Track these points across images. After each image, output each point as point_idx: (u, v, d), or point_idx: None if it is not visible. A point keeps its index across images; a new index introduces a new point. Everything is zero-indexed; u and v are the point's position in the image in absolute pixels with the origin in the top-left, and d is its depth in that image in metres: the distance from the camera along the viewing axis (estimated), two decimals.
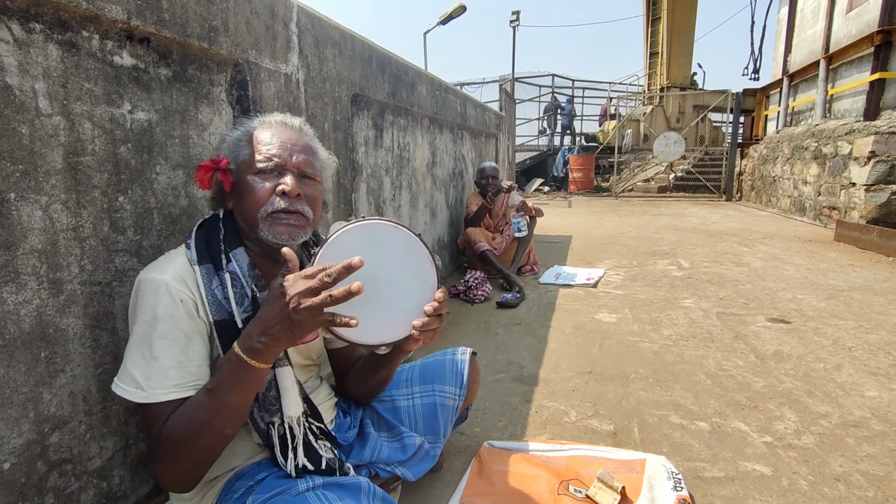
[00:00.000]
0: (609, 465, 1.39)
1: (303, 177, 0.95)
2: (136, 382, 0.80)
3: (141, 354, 0.82)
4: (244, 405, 0.82)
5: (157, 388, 0.80)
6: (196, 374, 0.84)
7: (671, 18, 13.07)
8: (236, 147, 0.96)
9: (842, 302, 2.97)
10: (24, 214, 0.86)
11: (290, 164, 0.93)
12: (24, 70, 0.84)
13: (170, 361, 0.82)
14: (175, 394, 0.81)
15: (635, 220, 6.97)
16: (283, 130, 0.97)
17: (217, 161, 0.94)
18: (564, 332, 2.56)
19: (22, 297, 0.86)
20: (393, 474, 1.17)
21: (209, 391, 0.80)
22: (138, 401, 0.80)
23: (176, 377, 0.82)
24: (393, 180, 2.62)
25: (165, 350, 0.82)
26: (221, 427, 0.80)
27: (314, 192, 0.97)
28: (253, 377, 0.79)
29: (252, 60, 1.37)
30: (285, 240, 0.92)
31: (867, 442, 1.54)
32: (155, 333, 0.82)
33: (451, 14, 11.11)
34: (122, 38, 1.02)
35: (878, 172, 5.11)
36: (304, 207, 0.93)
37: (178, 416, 0.80)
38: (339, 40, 1.87)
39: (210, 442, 0.80)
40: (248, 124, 0.99)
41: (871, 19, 5.87)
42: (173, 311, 0.83)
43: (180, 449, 0.79)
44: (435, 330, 0.86)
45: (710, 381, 1.97)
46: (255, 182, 0.92)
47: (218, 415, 0.79)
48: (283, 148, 0.94)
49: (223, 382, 0.79)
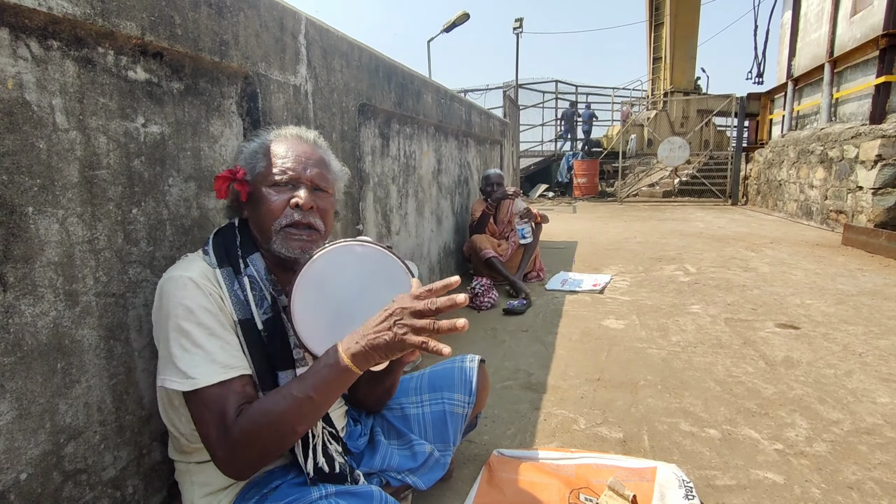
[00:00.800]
0: (619, 473, 1.38)
1: (316, 189, 0.98)
2: (182, 374, 0.81)
3: (181, 346, 0.82)
4: (326, 405, 0.83)
5: (207, 372, 0.81)
6: (238, 356, 0.86)
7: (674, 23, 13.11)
8: (253, 159, 0.98)
9: (851, 307, 2.95)
10: (42, 228, 0.87)
11: (304, 178, 0.96)
12: (42, 86, 0.86)
13: (213, 346, 0.83)
14: (225, 374, 0.82)
15: (641, 225, 6.95)
16: (298, 144, 1.00)
17: (234, 171, 0.97)
18: (572, 338, 2.55)
19: (39, 309, 0.88)
20: (404, 483, 1.17)
21: (300, 380, 0.81)
22: (188, 389, 0.81)
23: (223, 360, 0.83)
24: (399, 188, 2.63)
25: (206, 337, 0.83)
26: (298, 422, 0.81)
27: (326, 205, 0.99)
28: (343, 378, 0.80)
29: (262, 73, 1.38)
30: (298, 254, 0.94)
31: (880, 449, 1.53)
32: (191, 324, 0.83)
33: (454, 21, 11.17)
34: (137, 53, 1.03)
35: (886, 176, 5.08)
36: (316, 220, 0.96)
37: (263, 400, 0.81)
38: (347, 51, 1.89)
39: (284, 432, 0.80)
40: (265, 136, 1.01)
41: (875, 23, 5.86)
42: (205, 302, 0.85)
43: (256, 438, 0.79)
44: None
45: (720, 388, 1.96)
46: (269, 194, 0.94)
47: (300, 408, 0.79)
48: (297, 161, 0.96)
49: (314, 377, 0.80)
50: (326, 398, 0.82)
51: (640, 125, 13.52)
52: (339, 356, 0.79)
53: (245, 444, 0.79)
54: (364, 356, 0.79)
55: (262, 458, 0.82)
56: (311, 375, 0.81)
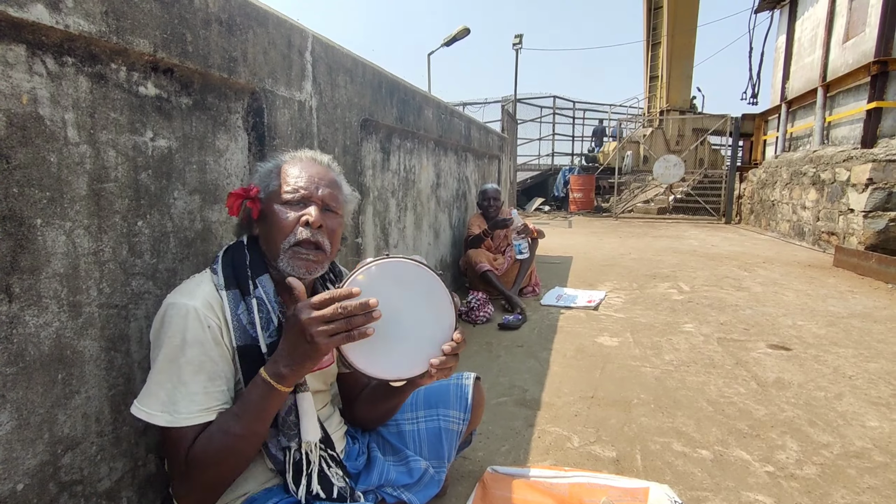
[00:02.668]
0: (612, 493, 1.39)
1: (326, 209, 0.99)
2: (162, 406, 0.83)
3: (168, 378, 0.84)
4: (266, 429, 0.86)
5: (185, 412, 0.83)
6: (221, 398, 0.87)
7: (671, 43, 13.31)
8: (267, 178, 1.01)
9: (842, 329, 2.99)
10: (49, 239, 0.88)
11: (315, 197, 0.98)
12: (55, 101, 0.88)
13: (197, 386, 0.84)
14: (201, 417, 0.83)
15: (635, 241, 7.01)
16: (312, 166, 1.02)
17: (248, 189, 0.99)
18: (566, 355, 2.56)
19: (43, 319, 0.88)
20: (399, 499, 1.17)
21: (236, 416, 0.83)
22: (164, 425, 0.82)
23: (203, 401, 0.84)
24: (398, 202, 2.65)
25: (193, 375, 0.84)
26: (245, 450, 0.83)
27: (335, 225, 1.01)
28: (276, 401, 0.83)
29: (268, 88, 1.41)
30: (303, 274, 0.96)
31: (869, 473, 1.54)
32: (183, 359, 0.84)
33: (455, 36, 11.31)
34: (148, 69, 1.05)
35: (876, 199, 5.16)
36: (324, 240, 0.97)
37: (204, 439, 0.82)
38: (351, 67, 1.92)
39: (232, 464, 0.83)
40: (280, 158, 1.04)
41: (867, 49, 5.99)
42: (201, 336, 0.86)
43: (205, 471, 0.81)
44: (451, 368, 0.90)
45: (712, 408, 1.98)
46: (280, 211, 0.96)
47: (243, 439, 0.82)
48: (310, 181, 0.98)
49: (249, 407, 0.82)
50: (266, 424, 0.85)
51: (636, 142, 13.67)
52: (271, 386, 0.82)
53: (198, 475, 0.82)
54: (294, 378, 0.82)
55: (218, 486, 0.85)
56: (249, 410, 0.83)
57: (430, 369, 0.89)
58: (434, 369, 0.88)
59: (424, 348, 0.90)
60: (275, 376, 0.81)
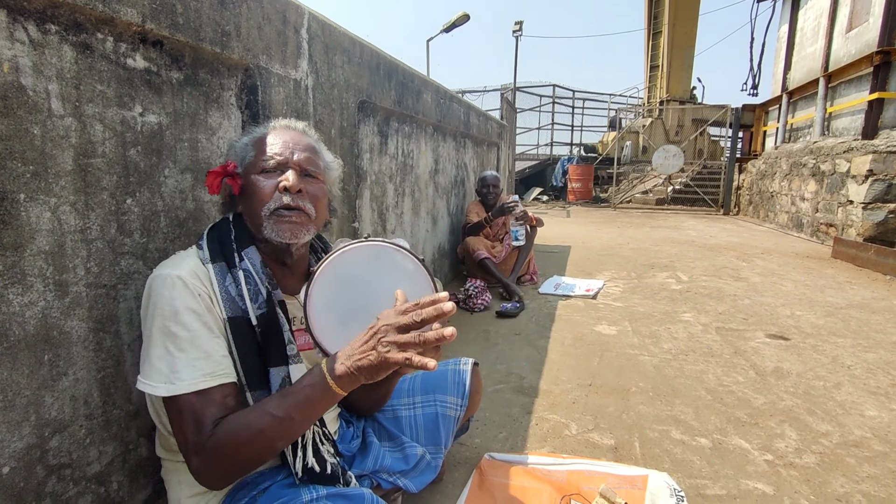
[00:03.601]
0: (611, 480, 1.38)
1: (305, 174, 0.97)
2: (163, 376, 0.80)
3: (164, 349, 0.81)
4: (306, 424, 0.83)
5: (187, 378, 0.80)
6: (223, 363, 0.84)
7: (672, 33, 13.19)
8: (243, 151, 0.98)
9: (840, 319, 2.98)
10: (33, 216, 0.85)
11: (291, 162, 0.95)
12: (38, 71, 0.84)
13: (196, 352, 0.81)
14: (206, 382, 0.81)
15: (634, 231, 6.99)
16: (286, 132, 1.00)
17: (225, 166, 0.96)
18: (564, 343, 2.55)
19: (27, 298, 0.85)
20: (395, 485, 1.16)
21: (280, 397, 0.80)
22: (166, 394, 0.79)
23: (204, 367, 0.81)
24: (396, 187, 2.62)
25: (190, 342, 0.82)
26: (276, 440, 0.80)
27: (316, 190, 0.98)
28: (326, 399, 0.80)
29: (262, 65, 1.37)
30: (289, 238, 0.93)
31: (868, 462, 1.54)
32: (177, 326, 0.81)
33: (454, 22, 11.18)
34: (136, 40, 1.01)
35: (876, 191, 5.15)
36: (305, 204, 0.95)
37: (240, 415, 0.80)
38: (349, 47, 1.87)
39: (261, 449, 0.79)
40: (255, 131, 1.02)
41: (870, 39, 5.93)
42: (192, 304, 0.83)
43: (233, 452, 0.78)
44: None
45: (711, 397, 1.97)
46: (258, 181, 0.94)
47: (279, 426, 0.79)
48: (285, 147, 0.96)
49: (296, 396, 0.79)
50: (307, 417, 0.81)
51: (635, 132, 13.60)
52: (323, 377, 0.78)
53: (220, 457, 0.78)
54: (349, 378, 0.78)
55: (237, 471, 0.81)
56: (293, 394, 0.80)
57: None
58: None
59: None
60: (331, 371, 0.78)
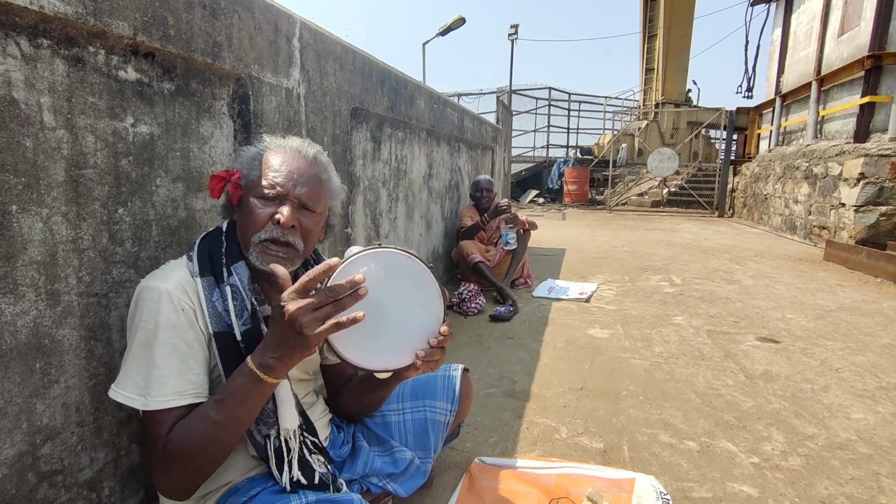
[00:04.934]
0: (599, 483, 1.40)
1: (302, 208, 0.96)
2: (139, 390, 0.81)
3: (143, 362, 0.82)
4: (250, 419, 0.84)
5: (157, 395, 0.81)
6: (196, 382, 0.86)
7: (667, 36, 13.28)
8: (250, 164, 0.97)
9: (830, 322, 3.01)
10: (25, 226, 0.86)
11: (291, 195, 0.94)
12: (30, 84, 0.85)
13: (170, 369, 0.83)
14: (175, 401, 0.82)
15: (628, 234, 7.02)
16: (295, 159, 0.97)
17: (230, 173, 0.96)
18: (556, 346, 2.57)
19: (20, 308, 0.87)
20: (384, 490, 1.17)
21: (217, 403, 0.81)
22: (139, 407, 0.81)
23: (176, 385, 0.83)
24: (390, 192, 2.63)
25: (166, 358, 0.83)
26: (226, 439, 0.82)
27: (310, 224, 0.97)
28: (262, 392, 0.81)
29: (254, 75, 1.38)
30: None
31: (852, 465, 1.56)
32: (157, 341, 0.83)
33: (450, 25, 11.21)
34: (128, 53, 1.03)
35: (868, 194, 5.19)
36: (296, 240, 0.95)
37: (183, 426, 0.81)
38: (341, 55, 1.89)
39: (213, 453, 0.81)
40: (265, 143, 1.00)
41: (861, 44, 5.99)
42: (175, 319, 0.85)
43: (184, 459, 0.80)
44: (437, 361, 0.89)
45: (700, 400, 1.99)
46: (255, 205, 0.94)
47: (224, 427, 0.80)
48: (288, 178, 0.94)
49: (232, 396, 0.80)
50: (249, 412, 0.83)
51: (630, 135, 13.66)
52: (255, 375, 0.79)
53: (175, 469, 0.81)
54: (282, 369, 0.80)
55: (195, 478, 0.83)
56: (230, 395, 0.81)
57: (415, 361, 0.88)
58: (420, 361, 0.88)
59: (412, 340, 0.89)
60: (261, 367, 0.79)
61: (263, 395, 0.82)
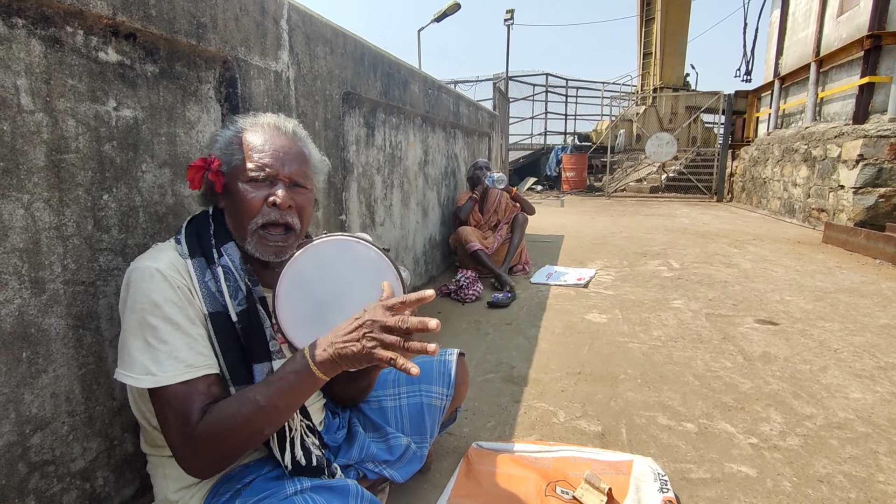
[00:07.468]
0: (596, 466, 1.39)
1: (294, 185, 0.95)
2: (145, 369, 0.79)
3: (144, 341, 0.80)
4: (291, 410, 0.83)
5: (170, 370, 0.79)
6: (206, 354, 0.84)
7: (665, 20, 13.14)
8: (228, 149, 0.94)
9: (828, 304, 3.01)
10: (6, 213, 0.84)
11: (282, 175, 0.92)
12: (5, 66, 0.83)
13: (178, 343, 0.81)
14: (188, 374, 0.80)
15: (627, 220, 7.00)
16: (276, 137, 0.95)
17: (208, 161, 0.93)
18: (555, 332, 2.56)
19: (3, 296, 0.85)
20: (381, 476, 1.16)
21: (264, 384, 0.80)
22: (150, 386, 0.79)
23: (188, 358, 0.81)
24: (384, 179, 2.61)
25: (171, 333, 0.81)
26: (262, 427, 0.80)
27: (304, 202, 0.96)
28: (310, 384, 0.80)
29: (241, 58, 1.35)
30: (272, 258, 0.93)
31: (850, 444, 1.56)
32: (157, 318, 0.80)
33: (445, 11, 11.07)
34: (108, 33, 1.00)
35: (866, 175, 5.17)
36: (293, 219, 0.94)
37: (224, 408, 0.79)
38: (331, 38, 1.85)
39: (245, 436, 0.79)
40: (240, 124, 0.97)
41: (861, 23, 5.92)
42: (172, 296, 0.82)
43: (220, 441, 0.78)
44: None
45: (698, 383, 1.98)
46: (246, 191, 0.91)
47: (264, 414, 0.79)
48: (275, 157, 0.92)
49: (280, 383, 0.79)
50: (292, 403, 0.82)
51: (628, 120, 13.57)
52: (306, 362, 0.79)
53: (208, 447, 0.78)
54: (331, 364, 0.79)
55: (225, 459, 0.81)
56: (277, 381, 0.80)
57: None
58: None
59: None
60: (313, 357, 0.79)
61: (308, 386, 0.81)
